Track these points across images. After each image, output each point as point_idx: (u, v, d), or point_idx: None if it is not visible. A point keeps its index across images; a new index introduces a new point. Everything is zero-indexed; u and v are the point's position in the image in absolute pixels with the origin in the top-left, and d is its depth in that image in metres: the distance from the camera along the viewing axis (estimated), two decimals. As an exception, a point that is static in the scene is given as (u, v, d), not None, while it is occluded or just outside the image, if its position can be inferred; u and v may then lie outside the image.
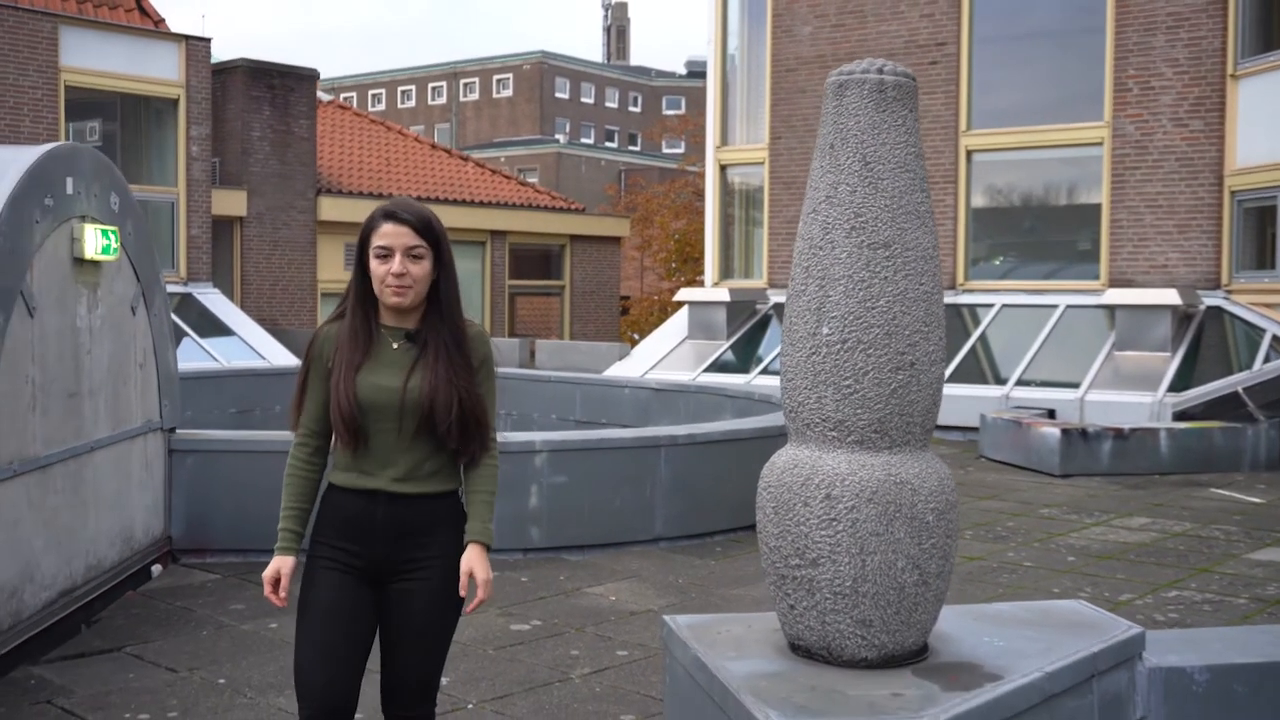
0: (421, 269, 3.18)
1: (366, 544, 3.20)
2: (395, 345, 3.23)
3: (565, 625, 6.20)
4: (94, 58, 18.58)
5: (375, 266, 3.18)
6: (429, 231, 3.20)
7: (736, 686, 3.36)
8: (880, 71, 3.58)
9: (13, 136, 17.55)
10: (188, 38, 19.75)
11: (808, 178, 3.72)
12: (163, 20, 20.29)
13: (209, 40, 19.95)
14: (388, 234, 3.17)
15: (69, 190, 6.01)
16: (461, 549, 3.24)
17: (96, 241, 6.21)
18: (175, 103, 19.68)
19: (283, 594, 3.24)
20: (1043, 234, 17.40)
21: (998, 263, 17.56)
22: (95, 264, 6.34)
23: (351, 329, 3.23)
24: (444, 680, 5.24)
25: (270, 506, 3.67)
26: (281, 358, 18.15)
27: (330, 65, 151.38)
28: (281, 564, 3.26)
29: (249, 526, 7.37)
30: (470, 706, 4.97)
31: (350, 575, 3.20)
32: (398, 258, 3.15)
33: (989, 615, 4.17)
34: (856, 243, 3.52)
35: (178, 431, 7.60)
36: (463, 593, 3.22)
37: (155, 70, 19.34)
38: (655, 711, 4.88)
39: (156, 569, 7.18)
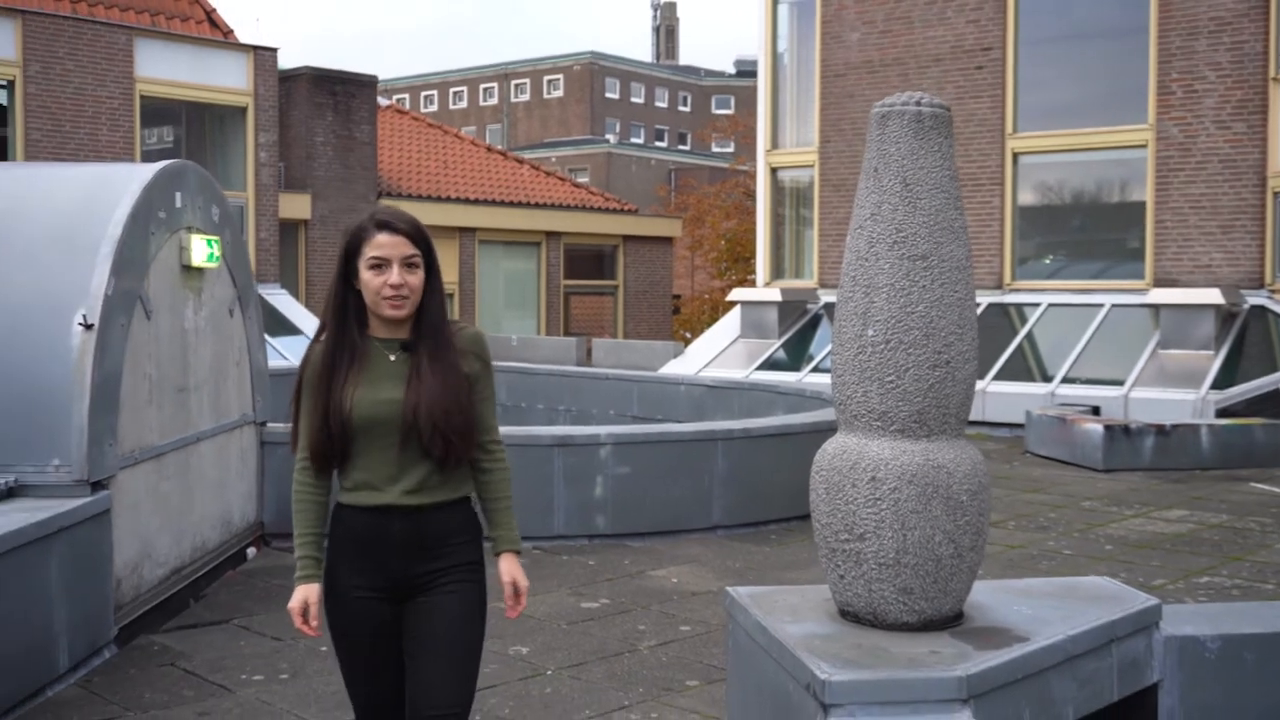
0: (418, 279, 3.08)
1: (384, 562, 3.12)
2: (392, 357, 3.12)
3: (632, 604, 6.71)
4: (167, 68, 19.36)
5: (370, 278, 3.06)
6: (422, 239, 3.11)
7: (793, 645, 3.83)
8: (919, 104, 4.05)
9: (91, 144, 18.34)
10: (256, 48, 20.49)
11: (854, 196, 4.19)
12: (231, 31, 21.05)
13: (276, 50, 20.68)
14: (383, 244, 3.05)
15: (178, 204, 6.59)
16: (480, 556, 3.21)
17: (202, 250, 6.79)
18: (244, 110, 20.42)
19: (314, 623, 3.16)
20: (1088, 234, 17.70)
21: (1046, 263, 17.88)
22: (200, 270, 6.92)
23: (334, 345, 3.11)
24: (523, 650, 5.78)
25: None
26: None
27: (380, 66, 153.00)
28: (308, 593, 3.16)
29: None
30: (549, 672, 5.48)
31: (373, 597, 3.14)
32: (395, 268, 3.05)
33: (1019, 589, 4.62)
34: (898, 255, 3.98)
35: (268, 425, 8.18)
36: (509, 603, 3.25)
37: (225, 79, 20.10)
38: (717, 678, 5.36)
39: (251, 551, 7.76)
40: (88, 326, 5.50)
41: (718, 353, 18.67)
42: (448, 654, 3.12)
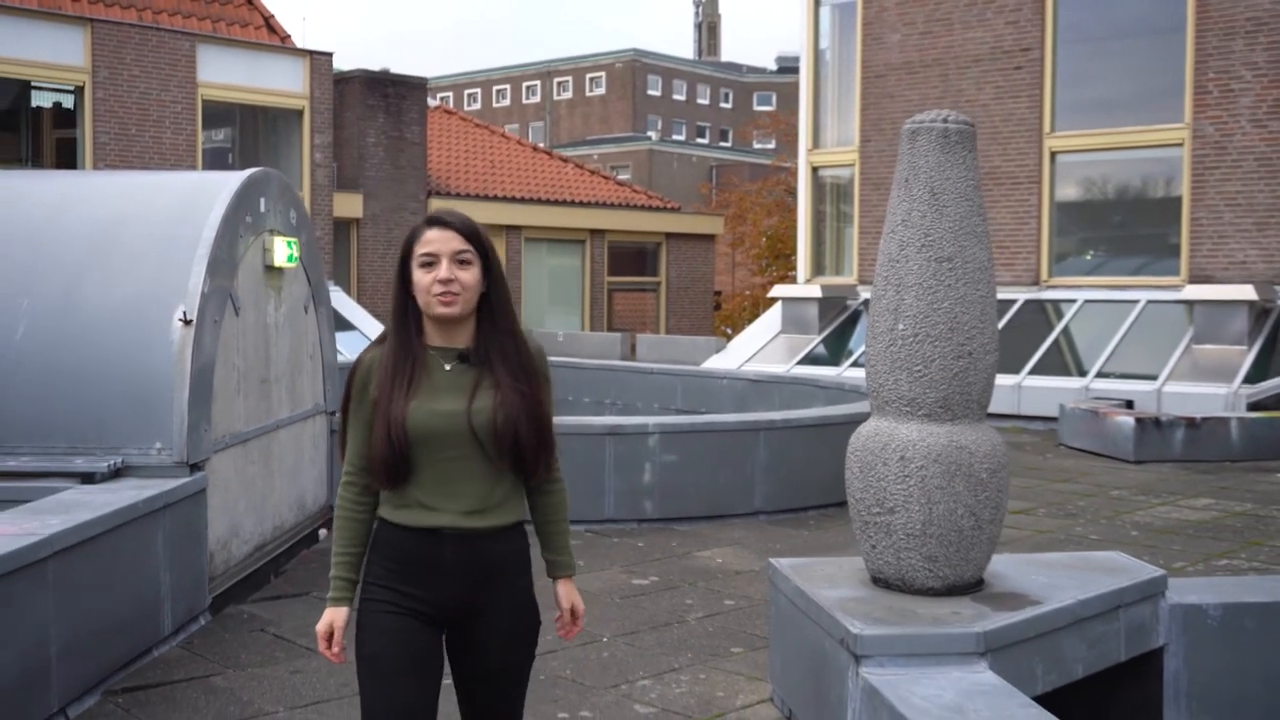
0: (470, 275, 2.95)
1: (433, 588, 2.94)
2: (447, 367, 2.97)
3: (680, 581, 7.19)
4: (227, 73, 20.03)
5: (420, 276, 2.95)
6: (475, 238, 2.99)
7: (830, 606, 4.29)
8: (945, 121, 4.50)
9: (155, 147, 19.02)
10: (312, 53, 21.13)
11: (887, 204, 4.64)
12: (289, 36, 21.70)
13: (331, 55, 21.31)
14: (433, 240, 2.95)
15: (262, 209, 7.13)
16: (530, 581, 3.06)
17: (282, 251, 7.32)
18: (300, 113, 21.06)
19: (336, 649, 2.98)
20: (1124, 232, 17.99)
21: (1083, 260, 18.18)
22: (280, 270, 7.45)
23: (396, 353, 2.97)
24: (582, 619, 6.27)
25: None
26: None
27: (420, 64, 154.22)
28: (335, 616, 2.98)
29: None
30: (605, 639, 5.97)
31: (414, 621, 2.93)
32: (444, 263, 2.93)
33: (1037, 561, 5.07)
34: (926, 257, 4.44)
35: (337, 414, 8.71)
36: (564, 625, 3.17)
37: (282, 83, 20.74)
38: (760, 646, 5.83)
39: (323, 533, 8.30)
40: (187, 322, 6.03)
41: (759, 348, 19.11)
42: (504, 692, 3.05)
